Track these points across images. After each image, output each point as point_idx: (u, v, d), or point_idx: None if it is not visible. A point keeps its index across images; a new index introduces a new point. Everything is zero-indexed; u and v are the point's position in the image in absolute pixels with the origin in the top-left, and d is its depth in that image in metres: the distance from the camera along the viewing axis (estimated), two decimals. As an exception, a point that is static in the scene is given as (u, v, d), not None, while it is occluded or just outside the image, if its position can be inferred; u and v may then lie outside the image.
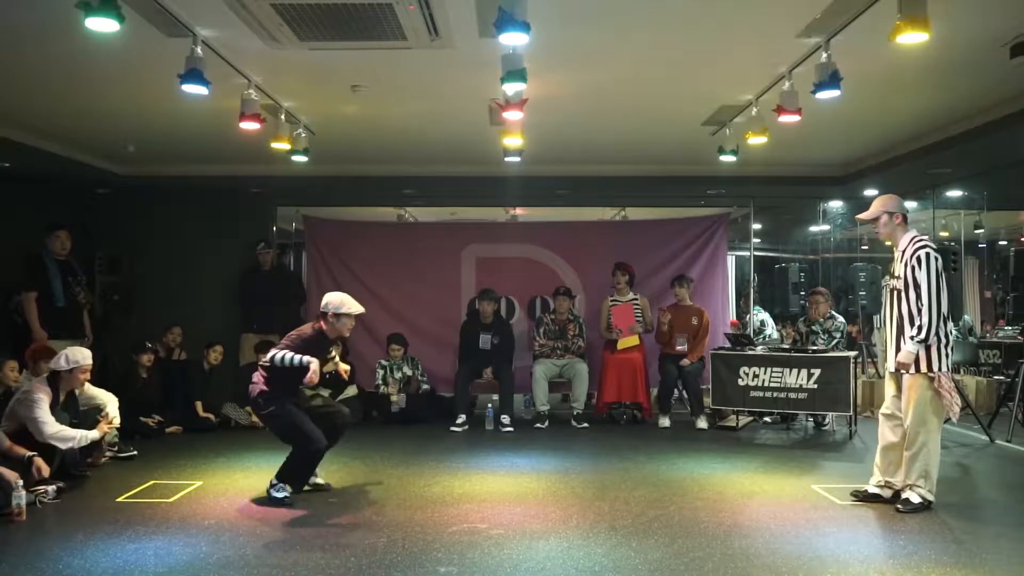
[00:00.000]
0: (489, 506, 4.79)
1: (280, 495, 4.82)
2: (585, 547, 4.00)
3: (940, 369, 4.55)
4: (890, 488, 4.79)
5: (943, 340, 4.56)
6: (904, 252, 4.67)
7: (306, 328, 5.07)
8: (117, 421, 5.61)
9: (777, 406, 7.27)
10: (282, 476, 4.90)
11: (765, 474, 5.68)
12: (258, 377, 4.97)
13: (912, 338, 4.54)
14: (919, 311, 4.54)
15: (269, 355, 4.88)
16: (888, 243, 4.93)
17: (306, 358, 4.75)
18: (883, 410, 4.90)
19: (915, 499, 4.60)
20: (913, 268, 4.57)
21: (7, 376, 5.69)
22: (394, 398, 7.80)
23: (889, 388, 4.87)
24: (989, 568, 3.70)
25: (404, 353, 8.08)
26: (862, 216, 4.93)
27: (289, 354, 4.78)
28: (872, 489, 4.85)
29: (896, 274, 4.73)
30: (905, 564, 3.75)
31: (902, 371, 4.63)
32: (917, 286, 4.56)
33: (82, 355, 5.34)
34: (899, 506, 4.62)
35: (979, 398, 8.37)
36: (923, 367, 4.57)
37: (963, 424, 7.39)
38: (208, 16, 4.29)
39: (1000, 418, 7.28)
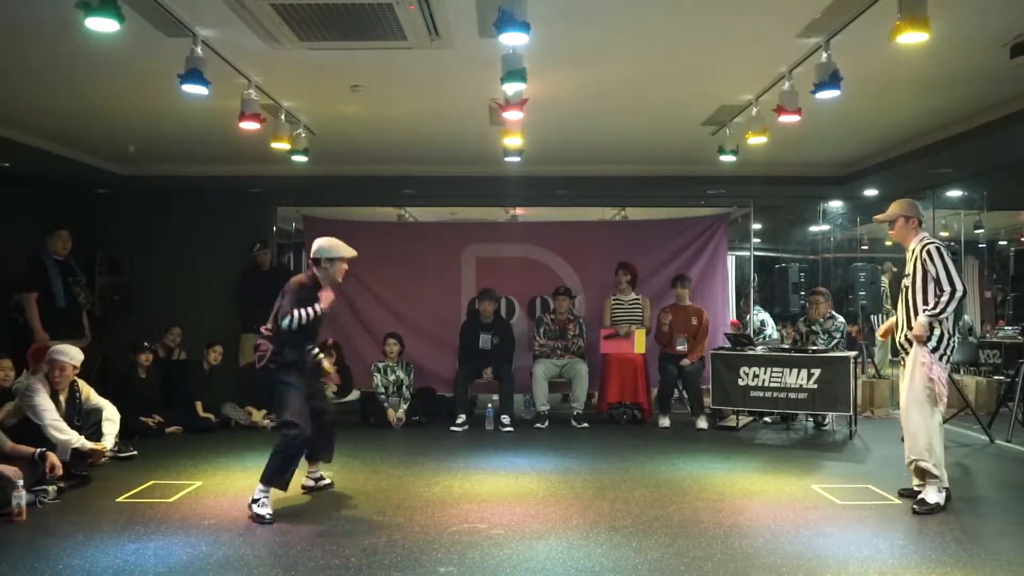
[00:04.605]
0: (489, 506, 4.79)
1: (263, 511, 4.47)
2: (585, 547, 4.00)
3: (938, 357, 4.66)
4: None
5: (950, 334, 4.69)
6: (913, 251, 4.82)
7: (297, 281, 4.83)
8: (110, 445, 5.59)
9: (777, 406, 7.27)
10: (269, 479, 4.60)
11: (765, 474, 5.68)
12: (265, 345, 4.76)
13: (925, 311, 4.65)
14: (938, 295, 4.64)
15: (284, 322, 4.63)
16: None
17: (314, 307, 4.64)
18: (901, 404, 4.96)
19: (931, 499, 4.62)
20: (924, 262, 4.70)
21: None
22: (397, 415, 7.77)
23: (903, 379, 4.93)
24: (989, 568, 3.70)
25: (400, 353, 8.07)
26: (880, 217, 5.07)
27: (296, 314, 4.60)
28: (916, 487, 4.89)
29: (906, 271, 4.87)
30: (905, 564, 3.75)
31: (915, 341, 4.69)
32: (934, 279, 4.67)
33: (59, 352, 5.32)
34: (915, 506, 4.65)
35: (979, 398, 8.37)
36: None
37: (963, 424, 7.39)
38: (208, 16, 4.29)
39: (1000, 418, 7.27)
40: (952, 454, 6.41)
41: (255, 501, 4.54)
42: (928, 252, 4.70)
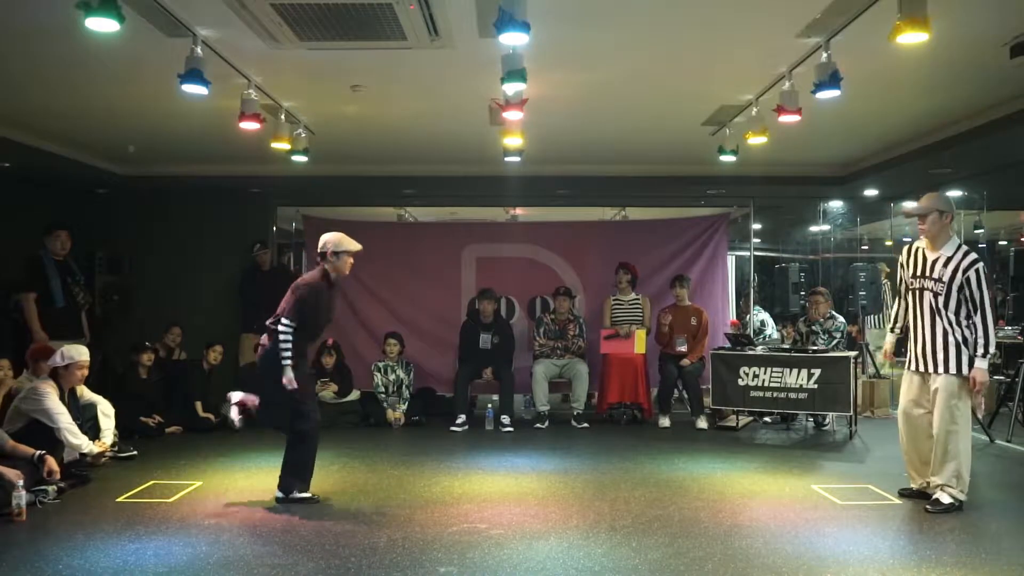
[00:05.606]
0: (489, 506, 4.79)
1: (305, 495, 4.84)
2: (585, 547, 4.00)
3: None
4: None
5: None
6: (951, 259, 4.68)
7: (308, 283, 4.88)
8: (109, 440, 5.59)
9: (777, 406, 7.27)
10: (294, 477, 4.84)
11: (765, 474, 5.68)
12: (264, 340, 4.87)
13: (983, 356, 4.59)
14: (979, 325, 4.60)
15: (282, 329, 4.73)
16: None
17: (287, 376, 4.68)
18: (905, 408, 4.91)
19: (945, 500, 4.61)
20: (969, 280, 4.61)
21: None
22: (397, 415, 7.77)
23: (912, 385, 4.88)
24: (989, 568, 3.70)
25: (400, 352, 8.07)
26: (911, 209, 4.93)
27: (287, 350, 4.69)
28: (916, 487, 4.90)
29: (933, 275, 4.71)
30: (905, 564, 3.75)
31: (979, 390, 4.65)
32: (974, 302, 4.61)
33: (78, 352, 5.35)
34: (928, 507, 4.64)
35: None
36: (952, 368, 4.63)
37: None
38: (208, 16, 4.29)
39: (1000, 418, 7.28)
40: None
41: (289, 495, 4.81)
42: (977, 272, 4.59)
